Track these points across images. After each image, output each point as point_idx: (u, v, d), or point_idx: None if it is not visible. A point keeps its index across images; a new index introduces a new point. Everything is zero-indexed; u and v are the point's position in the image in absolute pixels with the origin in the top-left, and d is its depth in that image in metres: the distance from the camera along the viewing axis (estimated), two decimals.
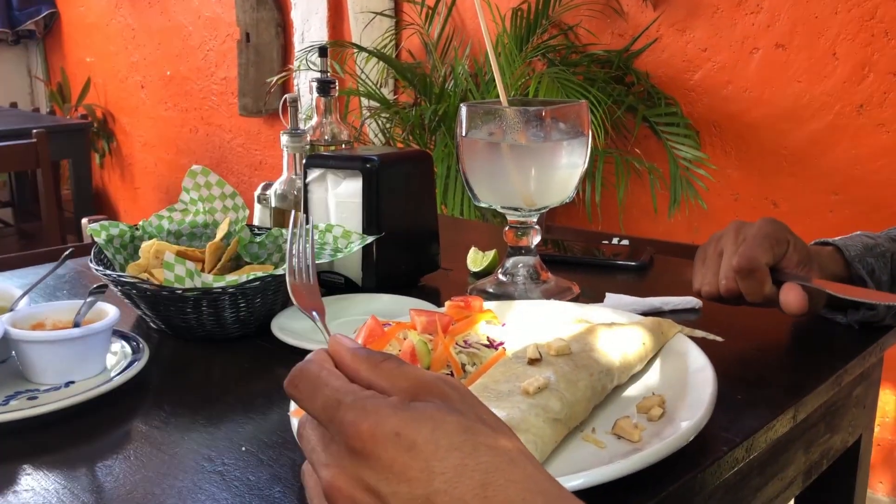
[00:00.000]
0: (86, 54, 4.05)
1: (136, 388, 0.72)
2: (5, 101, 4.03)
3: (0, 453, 0.63)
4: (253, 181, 3.34)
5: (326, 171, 0.91)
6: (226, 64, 3.29)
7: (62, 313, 0.75)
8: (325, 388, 0.40)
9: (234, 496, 0.56)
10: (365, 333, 0.65)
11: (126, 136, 3.92)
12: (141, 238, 0.94)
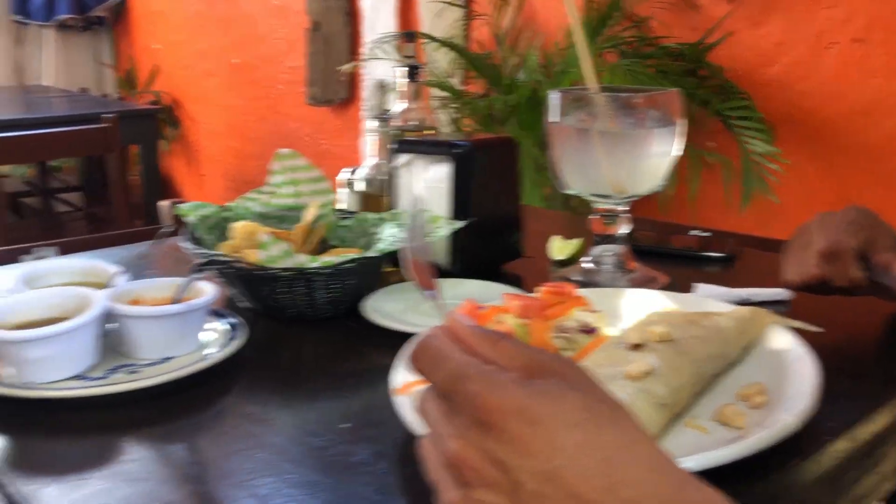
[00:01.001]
0: (153, 41, 4.15)
1: (230, 365, 0.73)
2: (75, 87, 4.15)
3: (102, 425, 0.65)
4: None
5: (415, 157, 0.92)
6: (294, 53, 3.32)
7: (158, 290, 0.76)
8: (449, 361, 0.40)
9: (336, 472, 0.56)
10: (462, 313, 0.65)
11: (193, 124, 4.00)
12: (229, 219, 0.95)
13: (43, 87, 4.10)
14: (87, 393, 0.66)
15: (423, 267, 0.51)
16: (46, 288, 0.75)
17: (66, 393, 0.65)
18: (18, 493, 0.53)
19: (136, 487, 0.55)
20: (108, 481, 0.56)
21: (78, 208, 3.46)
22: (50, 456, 0.60)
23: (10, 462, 0.57)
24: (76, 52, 4.31)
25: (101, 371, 0.69)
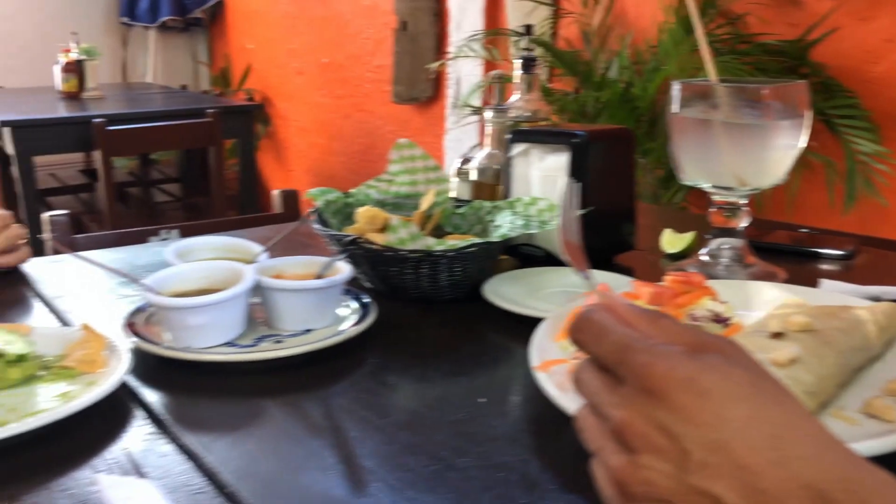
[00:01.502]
0: (247, 41, 4.30)
1: (363, 340, 0.77)
2: (174, 84, 4.34)
3: (248, 389, 0.69)
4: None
5: (531, 146, 0.94)
6: (381, 52, 3.39)
7: (297, 267, 0.81)
8: (613, 334, 0.41)
9: (481, 442, 0.59)
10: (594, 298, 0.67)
11: (282, 121, 4.13)
12: (351, 205, 1.00)
13: (146, 84, 4.31)
14: (239, 358, 0.71)
15: (575, 246, 0.53)
16: (197, 262, 0.81)
17: (221, 357, 0.70)
18: (192, 444, 0.58)
19: (285, 445, 0.59)
20: (263, 438, 0.61)
21: (177, 198, 3.63)
22: (211, 413, 0.65)
23: (179, 417, 0.62)
24: (175, 52, 4.52)
25: (250, 339, 0.74)
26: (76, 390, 0.63)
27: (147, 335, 0.73)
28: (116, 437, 0.60)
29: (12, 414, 0.60)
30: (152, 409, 0.64)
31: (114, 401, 0.63)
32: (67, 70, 3.36)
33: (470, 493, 0.52)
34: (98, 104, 3.27)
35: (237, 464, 0.55)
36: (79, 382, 0.65)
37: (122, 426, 0.61)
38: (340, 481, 0.54)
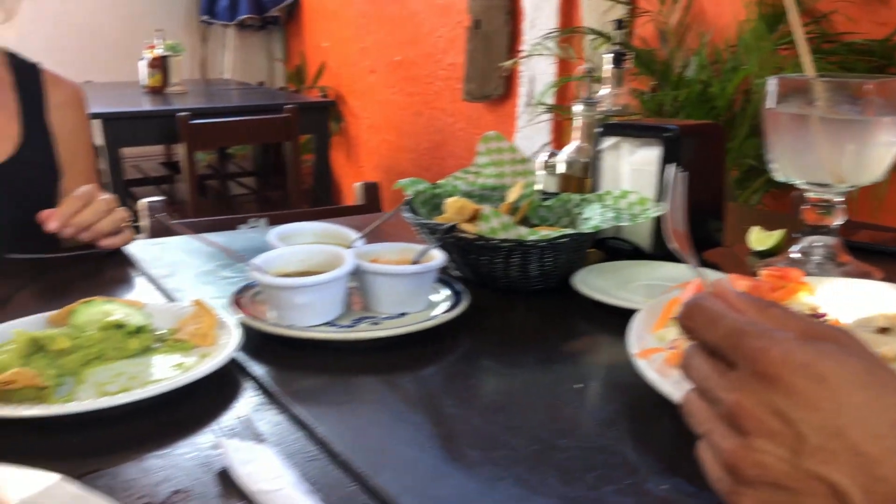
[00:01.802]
0: (322, 39, 4.39)
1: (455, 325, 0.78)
2: (250, 81, 4.47)
3: (348, 366, 0.72)
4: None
5: (621, 140, 0.94)
6: (453, 50, 3.42)
7: (392, 253, 0.84)
8: (726, 319, 0.42)
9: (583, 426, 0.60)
10: (693, 290, 0.67)
11: (354, 118, 4.20)
12: (438, 196, 1.02)
13: (224, 80, 4.44)
14: (340, 337, 0.73)
15: (682, 234, 0.54)
16: (298, 245, 0.84)
17: (323, 335, 0.73)
18: (302, 415, 0.61)
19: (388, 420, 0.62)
20: (367, 413, 0.63)
21: (253, 191, 3.74)
22: (315, 387, 0.68)
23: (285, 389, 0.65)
24: (252, 49, 4.64)
25: (348, 320, 0.77)
26: (191, 362, 0.67)
27: (252, 312, 0.77)
28: (230, 406, 0.63)
29: (134, 381, 0.64)
30: (261, 382, 0.67)
31: (225, 373, 0.67)
32: (152, 66, 3.49)
33: (573, 473, 0.53)
34: (181, 99, 3.39)
35: (346, 435, 0.58)
36: (193, 355, 0.69)
37: (234, 396, 0.65)
38: (446, 456, 0.56)
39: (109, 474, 0.53)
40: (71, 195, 1.03)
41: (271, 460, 0.52)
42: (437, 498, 0.51)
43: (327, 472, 0.53)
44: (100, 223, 1.02)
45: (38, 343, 0.64)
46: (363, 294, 0.80)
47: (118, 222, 1.05)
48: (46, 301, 0.90)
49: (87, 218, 1.01)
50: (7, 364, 0.61)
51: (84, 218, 1.01)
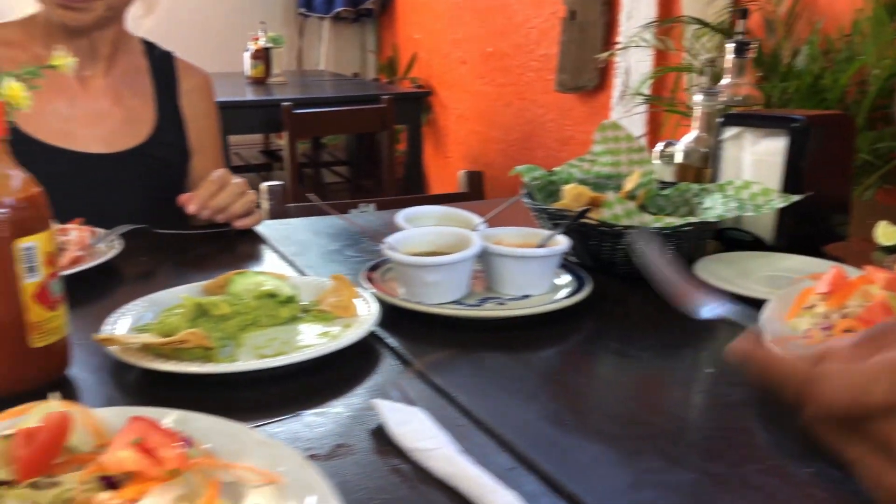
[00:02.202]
0: (414, 31, 4.45)
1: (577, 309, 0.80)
2: (344, 72, 4.57)
3: (475, 342, 0.75)
4: (560, 156, 3.44)
5: (744, 130, 0.94)
6: (546, 41, 3.41)
7: (515, 237, 0.86)
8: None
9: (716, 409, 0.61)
10: (830, 279, 0.67)
11: (443, 109, 4.24)
12: (554, 182, 1.04)
13: (319, 71, 4.57)
14: (469, 314, 0.77)
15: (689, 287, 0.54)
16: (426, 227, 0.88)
17: (454, 312, 0.76)
18: (441, 383, 0.64)
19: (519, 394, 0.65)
20: (501, 385, 0.66)
21: (346, 179, 3.84)
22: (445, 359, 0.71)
23: (420, 360, 0.69)
24: (346, 41, 4.75)
25: (475, 300, 0.80)
26: (336, 331, 0.72)
27: (382, 288, 0.81)
28: (373, 372, 0.67)
29: (286, 346, 0.69)
30: (398, 352, 0.71)
31: (365, 342, 0.71)
32: (255, 57, 3.62)
33: (713, 450, 0.55)
34: (281, 89, 3.51)
35: (486, 405, 0.61)
36: (336, 324, 0.73)
37: (375, 363, 0.69)
38: (585, 429, 0.59)
39: (274, 427, 0.57)
40: (206, 179, 1.10)
41: (425, 422, 0.56)
42: (579, 464, 0.53)
43: (472, 439, 0.56)
44: (233, 205, 1.08)
45: (203, 308, 0.69)
46: (488, 275, 0.83)
47: (250, 204, 1.11)
48: (186, 274, 0.96)
49: (222, 201, 1.08)
50: (177, 326, 0.67)
51: (220, 201, 1.08)
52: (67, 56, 0.67)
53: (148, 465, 0.42)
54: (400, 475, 0.52)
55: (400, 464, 0.53)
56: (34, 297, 0.60)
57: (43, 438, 0.43)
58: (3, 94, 0.62)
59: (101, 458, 0.43)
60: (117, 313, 0.72)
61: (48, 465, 0.43)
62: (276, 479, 0.45)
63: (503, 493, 0.47)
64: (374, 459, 0.54)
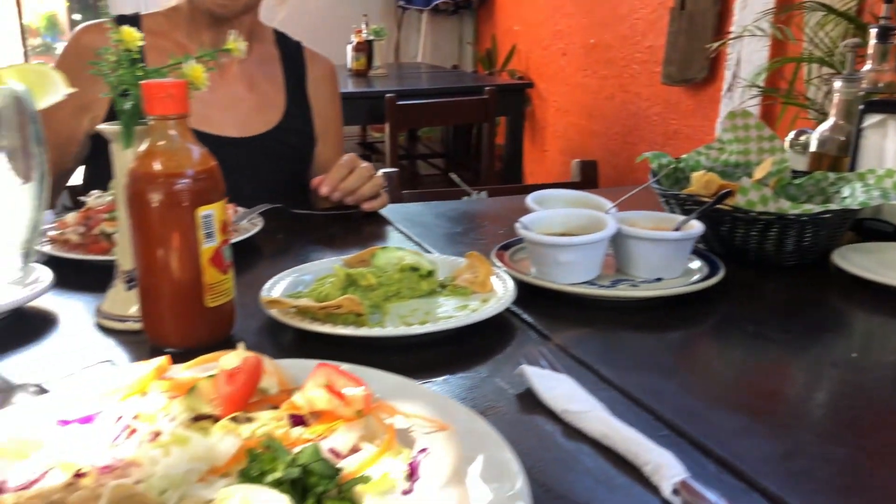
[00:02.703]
0: (514, 23, 4.45)
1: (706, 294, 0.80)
2: (441, 65, 4.62)
3: (608, 321, 0.76)
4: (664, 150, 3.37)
5: (888, 118, 0.91)
6: (653, 32, 3.35)
7: (647, 221, 0.87)
8: None
9: (860, 391, 0.61)
10: None
11: (541, 101, 4.23)
12: (682, 170, 1.04)
13: (416, 63, 4.64)
14: (603, 294, 0.78)
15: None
16: (560, 209, 0.90)
17: (588, 291, 0.78)
18: (582, 356, 0.66)
19: (659, 373, 0.66)
20: (641, 362, 0.67)
21: (442, 171, 3.88)
22: (581, 336, 0.73)
23: (556, 334, 0.71)
24: (444, 33, 4.81)
25: (607, 281, 0.82)
26: (474, 305, 0.74)
27: (513, 267, 0.83)
28: (513, 343, 0.70)
29: (429, 316, 0.73)
30: (535, 326, 0.73)
31: (501, 317, 0.74)
32: (358, 49, 3.71)
33: (867, 429, 0.54)
34: (382, 81, 3.59)
35: (632, 378, 0.63)
36: (473, 299, 0.76)
37: (514, 336, 0.71)
38: (735, 407, 0.59)
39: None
40: (336, 163, 1.15)
41: (574, 387, 0.58)
42: (726, 433, 0.54)
43: (617, 408, 0.58)
44: (362, 188, 1.13)
45: (352, 278, 0.74)
46: (620, 258, 0.84)
47: (377, 187, 1.16)
48: (318, 251, 1.01)
49: (352, 183, 1.13)
50: (329, 293, 0.71)
51: (349, 183, 1.13)
52: (239, 40, 0.73)
53: (336, 406, 0.46)
54: (549, 435, 0.54)
55: (549, 424, 0.55)
56: (210, 260, 0.65)
57: (242, 379, 0.48)
58: (185, 75, 0.67)
59: (293, 398, 0.47)
60: (272, 281, 0.77)
61: (245, 403, 0.48)
62: (447, 427, 0.48)
63: (660, 451, 0.49)
64: (524, 419, 0.56)
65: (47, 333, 0.72)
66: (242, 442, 0.44)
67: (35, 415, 0.49)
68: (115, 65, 0.68)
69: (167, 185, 0.63)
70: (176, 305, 0.65)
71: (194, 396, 0.47)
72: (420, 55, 4.84)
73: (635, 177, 3.50)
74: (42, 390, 0.57)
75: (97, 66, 0.68)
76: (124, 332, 0.72)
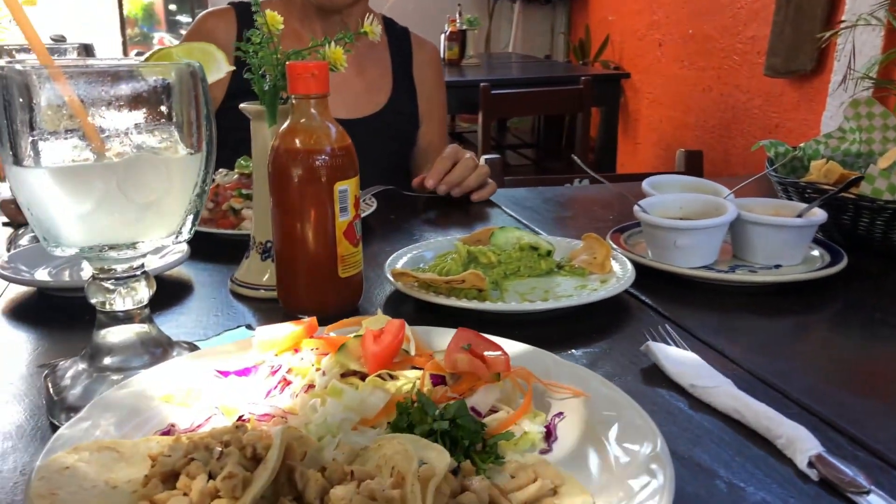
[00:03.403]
0: (608, 13, 4.39)
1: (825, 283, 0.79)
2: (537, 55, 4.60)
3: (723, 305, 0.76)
4: None
5: None
6: (756, 22, 3.25)
7: (765, 207, 0.86)
8: None
9: None
10: None
11: (634, 93, 4.17)
12: (799, 158, 1.01)
13: (507, 53, 4.64)
14: (721, 278, 0.78)
15: None
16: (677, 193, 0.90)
17: (708, 274, 0.78)
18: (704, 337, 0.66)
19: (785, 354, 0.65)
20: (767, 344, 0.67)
21: (532, 161, 3.88)
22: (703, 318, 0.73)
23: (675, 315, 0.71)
24: (535, 23, 4.79)
25: (725, 266, 0.81)
26: (593, 285, 0.76)
27: (629, 250, 0.84)
28: (634, 322, 0.70)
29: (548, 294, 0.74)
30: (654, 307, 0.74)
31: (619, 298, 0.75)
32: (451, 39, 3.75)
33: None
34: (474, 70, 3.61)
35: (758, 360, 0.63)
36: (590, 280, 0.77)
37: (634, 316, 0.72)
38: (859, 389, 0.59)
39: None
40: (439, 156, 1.17)
41: (701, 363, 0.59)
42: (860, 414, 0.53)
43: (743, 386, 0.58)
44: (468, 179, 1.15)
45: (473, 255, 0.76)
46: (739, 243, 0.84)
47: (483, 177, 1.18)
48: (428, 230, 1.04)
49: (457, 175, 1.15)
50: (451, 269, 0.74)
51: (455, 176, 1.15)
52: (375, 23, 0.76)
53: (478, 367, 0.48)
54: (678, 409, 0.55)
55: (676, 398, 0.56)
56: (344, 233, 0.69)
57: (388, 340, 0.51)
58: (326, 56, 0.71)
59: (436, 357, 0.50)
60: (394, 256, 0.81)
61: (390, 362, 0.51)
62: (583, 394, 0.49)
63: (794, 425, 0.49)
64: (650, 392, 0.57)
65: (186, 300, 0.78)
66: (391, 396, 0.47)
67: (194, 367, 0.54)
68: (258, 46, 0.72)
69: (308, 160, 0.67)
70: (312, 275, 0.69)
71: (344, 353, 0.51)
72: (511, 45, 4.84)
73: (733, 171, 3.40)
74: (194, 347, 0.62)
75: (240, 48, 0.72)
76: (257, 299, 0.77)
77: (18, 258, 0.81)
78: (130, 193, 0.50)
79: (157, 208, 0.52)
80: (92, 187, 0.49)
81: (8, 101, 0.48)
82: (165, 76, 0.51)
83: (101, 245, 0.51)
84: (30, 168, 0.49)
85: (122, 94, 0.49)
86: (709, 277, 0.78)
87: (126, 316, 0.56)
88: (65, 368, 0.57)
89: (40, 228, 0.51)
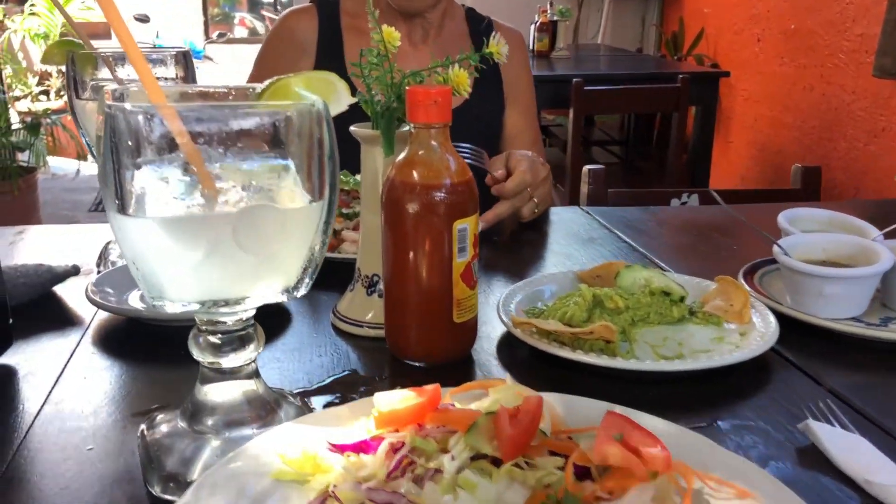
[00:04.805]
0: (704, 5, 4.20)
1: None
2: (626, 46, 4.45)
3: (878, 364, 0.67)
4: (869, 149, 3.07)
5: None
6: (866, 18, 3.04)
7: None
8: None
9: None
10: None
11: (728, 89, 3.98)
12: None
13: (596, 45, 4.50)
14: (874, 335, 0.69)
15: None
16: (818, 233, 0.81)
17: (853, 329, 0.69)
18: (870, 413, 0.58)
19: None
20: None
21: (620, 160, 3.75)
22: (859, 383, 0.64)
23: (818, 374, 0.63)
24: (626, 15, 4.63)
25: (875, 318, 0.72)
26: (732, 338, 0.68)
27: (763, 293, 0.75)
28: (779, 386, 0.63)
29: (682, 347, 0.67)
30: (801, 367, 0.66)
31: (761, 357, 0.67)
32: (541, 30, 3.65)
33: None
34: (564, 64, 3.50)
35: None
36: (728, 331, 0.69)
37: (776, 375, 0.64)
38: None
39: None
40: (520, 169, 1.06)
41: (874, 452, 0.51)
42: None
43: None
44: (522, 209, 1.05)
45: (598, 299, 0.69)
46: (888, 293, 0.74)
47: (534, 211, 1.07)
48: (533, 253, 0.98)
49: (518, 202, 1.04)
50: (575, 315, 0.67)
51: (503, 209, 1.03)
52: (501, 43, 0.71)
53: (633, 464, 0.42)
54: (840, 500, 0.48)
55: (847, 494, 0.49)
56: (461, 275, 0.63)
57: (525, 422, 0.45)
58: (450, 80, 0.65)
59: (582, 447, 0.44)
60: (507, 294, 0.75)
61: (527, 448, 0.45)
62: (748, 494, 0.42)
63: None
64: (815, 485, 0.50)
65: (284, 333, 0.73)
66: (532, 492, 0.42)
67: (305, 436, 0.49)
68: (372, 65, 0.67)
69: (425, 196, 0.61)
70: (424, 318, 0.64)
71: (475, 435, 0.45)
72: (600, 37, 4.70)
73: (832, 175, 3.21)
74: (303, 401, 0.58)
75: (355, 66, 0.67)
76: (360, 336, 0.72)
77: (107, 280, 0.78)
78: (245, 245, 0.46)
79: (272, 261, 0.47)
80: (203, 238, 0.45)
81: (115, 144, 0.44)
82: (286, 114, 0.46)
83: (210, 300, 0.47)
84: (135, 217, 0.45)
85: (237, 134, 0.44)
86: (858, 334, 0.69)
87: (231, 371, 0.51)
88: (161, 423, 0.53)
89: (144, 282, 0.47)
